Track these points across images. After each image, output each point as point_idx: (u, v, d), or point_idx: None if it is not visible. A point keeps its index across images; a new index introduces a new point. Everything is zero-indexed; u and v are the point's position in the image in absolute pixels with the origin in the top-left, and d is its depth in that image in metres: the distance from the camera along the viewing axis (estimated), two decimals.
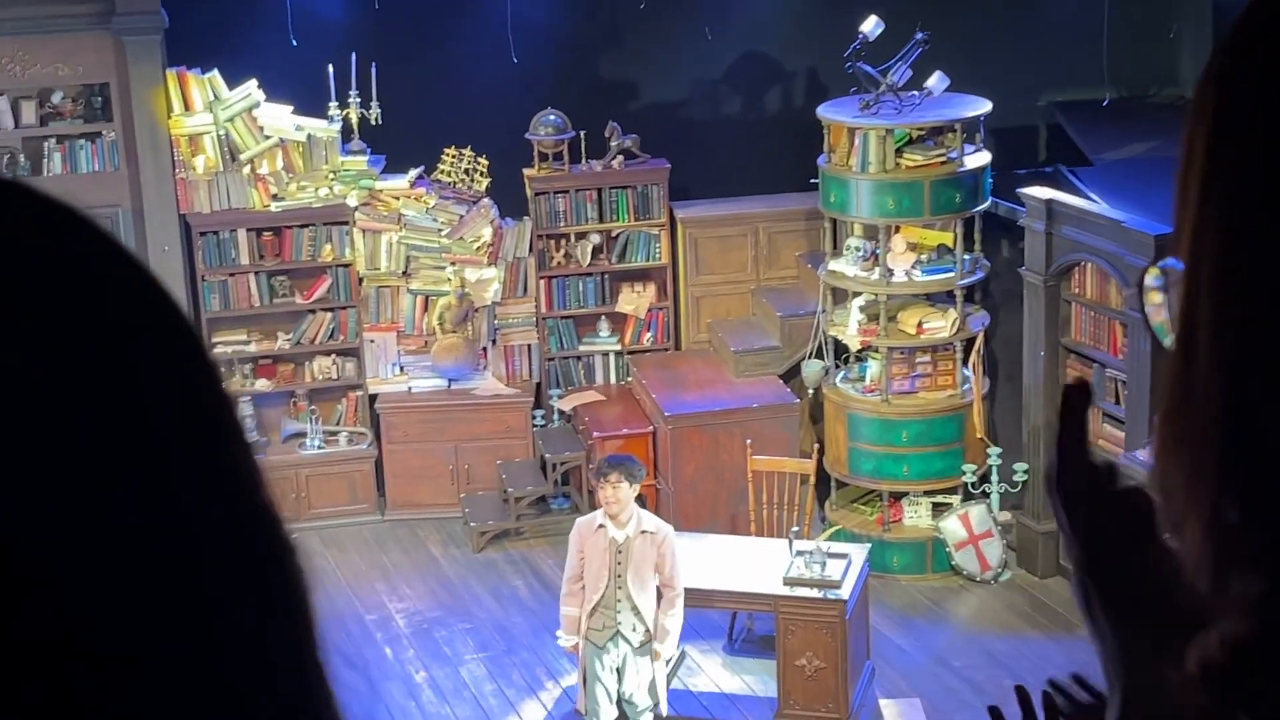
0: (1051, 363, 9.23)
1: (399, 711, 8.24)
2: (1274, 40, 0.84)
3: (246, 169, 9.97)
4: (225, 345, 10.18)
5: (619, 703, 7.44)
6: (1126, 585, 0.98)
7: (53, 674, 0.66)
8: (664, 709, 7.51)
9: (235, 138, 9.95)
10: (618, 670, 7.35)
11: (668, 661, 7.71)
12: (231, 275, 10.12)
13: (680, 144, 10.34)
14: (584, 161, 10.28)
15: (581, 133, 10.19)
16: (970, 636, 8.83)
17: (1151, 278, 7.88)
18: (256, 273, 10.14)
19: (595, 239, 10.38)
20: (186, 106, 9.86)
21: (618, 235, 10.41)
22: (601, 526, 7.26)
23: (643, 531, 7.25)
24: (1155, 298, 7.67)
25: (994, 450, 9.42)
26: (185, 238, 10.01)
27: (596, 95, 10.33)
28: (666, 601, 7.32)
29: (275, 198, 10.04)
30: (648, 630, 7.30)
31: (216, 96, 9.89)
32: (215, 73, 9.90)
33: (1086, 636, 1.02)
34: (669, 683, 8.20)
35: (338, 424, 10.43)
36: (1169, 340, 0.88)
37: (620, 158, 10.25)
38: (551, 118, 10.16)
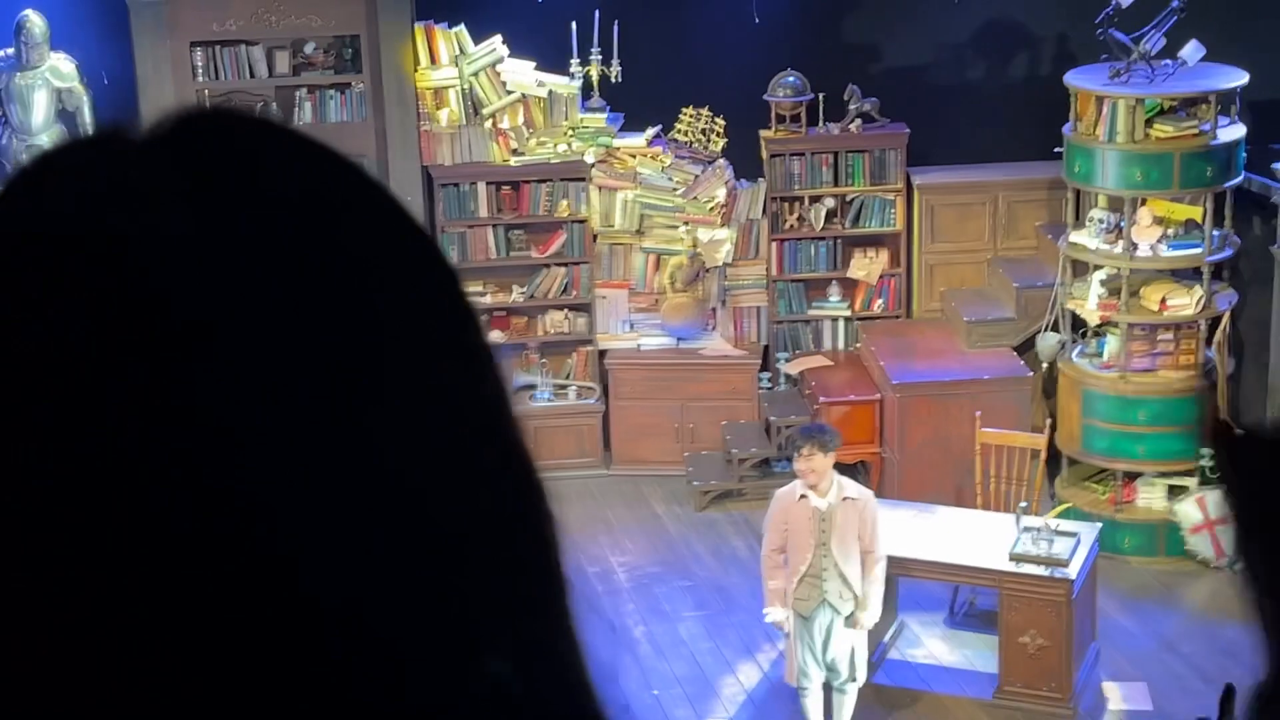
0: None
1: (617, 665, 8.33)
2: None
3: (488, 123, 10.13)
4: None
5: (826, 669, 7.41)
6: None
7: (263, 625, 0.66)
8: (861, 677, 7.44)
9: (479, 92, 10.11)
10: (824, 638, 7.32)
11: (867, 629, 7.67)
12: (470, 227, 10.30)
13: (920, 109, 10.19)
14: (821, 124, 10.20)
15: (820, 95, 10.11)
16: (1200, 623, 8.58)
17: None
18: (494, 226, 10.31)
19: (829, 203, 10.30)
20: (433, 60, 10.04)
21: (852, 200, 10.31)
22: (804, 497, 7.22)
23: (845, 498, 7.20)
24: None
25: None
26: (427, 189, 10.21)
27: (837, 57, 10.23)
28: (867, 567, 7.26)
29: (515, 152, 10.18)
30: (856, 597, 7.26)
31: (462, 51, 10.06)
32: (461, 27, 10.06)
33: None
34: (888, 652, 8.16)
35: (567, 378, 10.56)
36: None
37: (858, 121, 10.15)
38: (790, 79, 10.10)
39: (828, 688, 7.46)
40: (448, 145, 10.12)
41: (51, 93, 9.74)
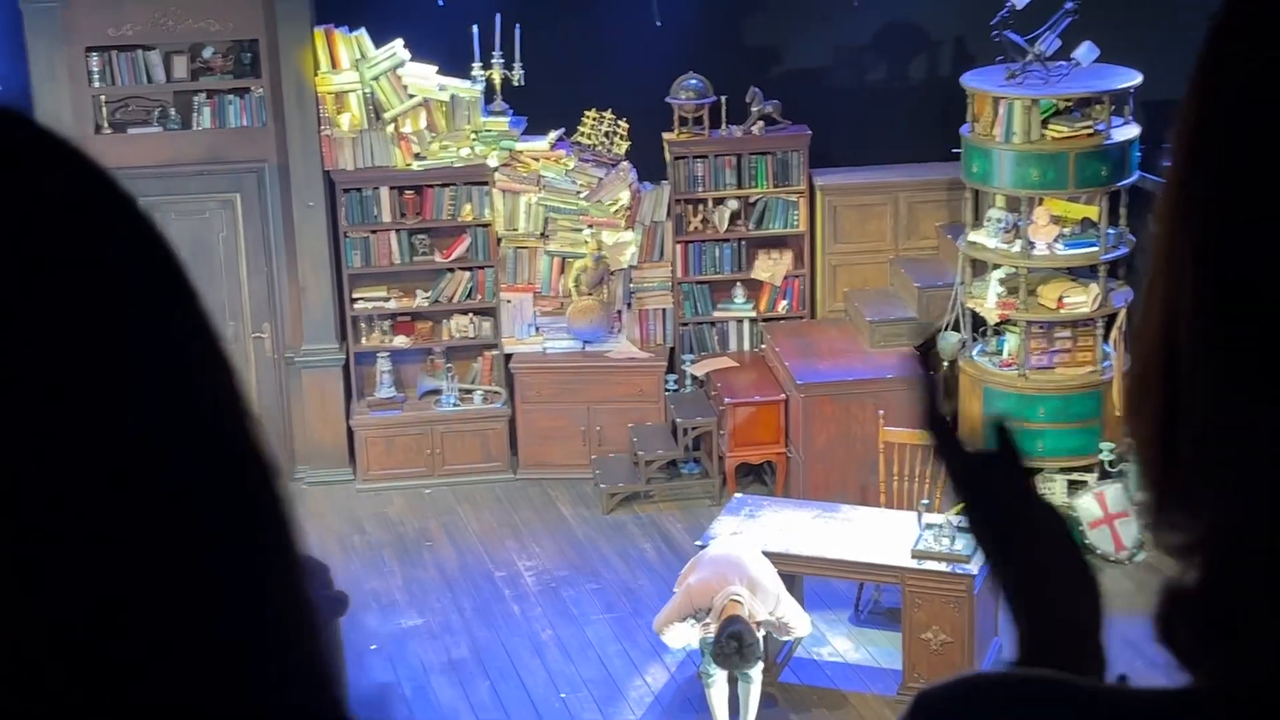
0: None
1: (525, 669, 8.34)
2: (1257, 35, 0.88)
3: (390, 128, 10.08)
4: (365, 301, 10.33)
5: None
6: (1001, 521, 1.06)
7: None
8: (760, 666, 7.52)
9: (380, 96, 10.06)
10: None
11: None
12: (373, 232, 10.25)
13: (822, 111, 10.27)
14: (724, 126, 10.25)
15: (722, 97, 10.15)
16: None
17: None
18: (397, 230, 10.26)
19: (733, 205, 10.35)
20: (333, 64, 9.98)
21: (756, 201, 10.37)
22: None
23: (757, 622, 7.33)
24: None
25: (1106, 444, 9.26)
26: (329, 194, 10.15)
27: (739, 60, 10.28)
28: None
29: (418, 156, 10.14)
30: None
31: (363, 55, 10.00)
32: (362, 31, 10.01)
33: None
34: (794, 651, 8.21)
35: (473, 382, 10.53)
36: None
37: (761, 123, 10.21)
38: (693, 82, 10.14)
39: (733, 680, 7.51)
40: (349, 150, 10.06)
41: None
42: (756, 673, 7.49)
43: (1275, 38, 0.85)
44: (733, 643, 7.13)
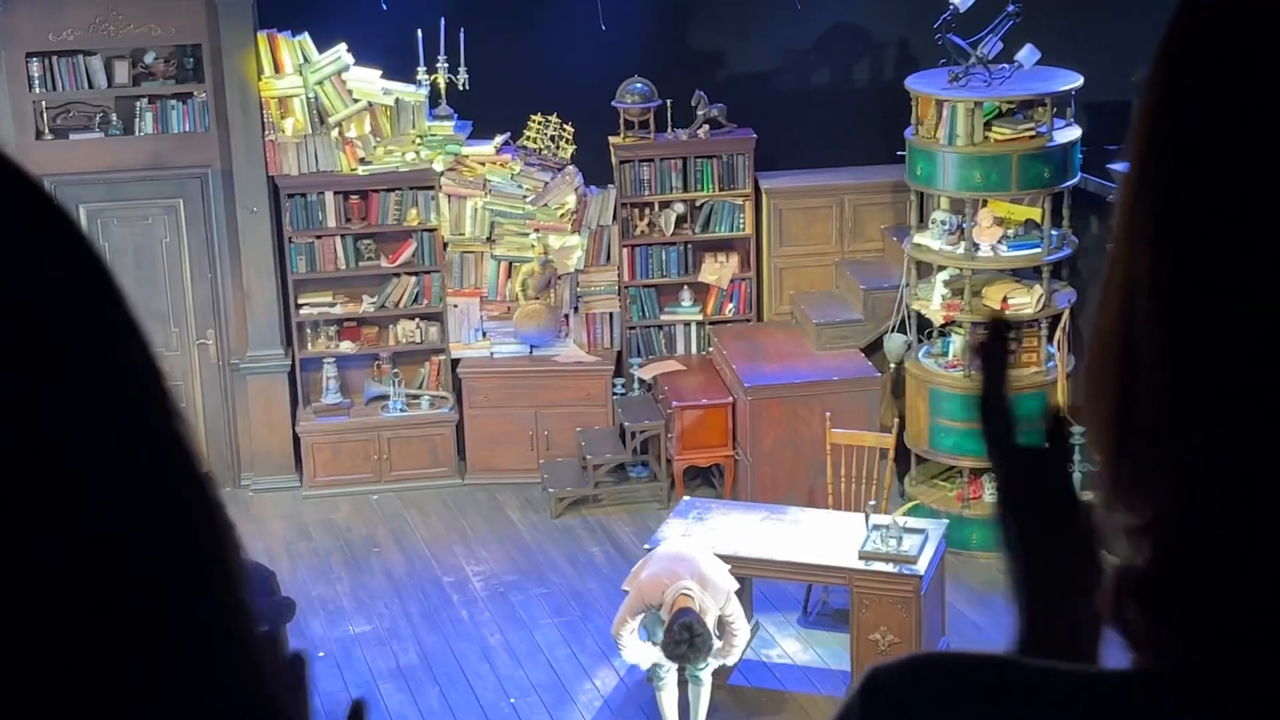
0: None
1: (474, 675, 8.32)
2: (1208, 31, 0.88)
3: (334, 132, 10.04)
4: (310, 307, 10.28)
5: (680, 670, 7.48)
6: (1036, 518, 1.07)
7: None
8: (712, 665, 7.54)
9: (324, 101, 10.01)
10: None
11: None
12: (318, 237, 10.20)
13: (767, 114, 10.30)
14: (669, 130, 10.26)
15: (668, 101, 10.17)
16: None
17: None
18: (342, 235, 10.22)
19: (679, 208, 10.37)
20: (276, 69, 9.93)
21: (702, 205, 10.39)
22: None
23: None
24: None
25: (1077, 429, 9.31)
26: (273, 199, 10.09)
27: (684, 64, 10.30)
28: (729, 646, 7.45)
29: (362, 161, 10.10)
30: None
31: (306, 59, 9.96)
32: (305, 36, 9.96)
33: None
34: (742, 654, 8.22)
35: (420, 387, 10.50)
36: None
37: (706, 127, 10.23)
38: (638, 86, 10.15)
39: (683, 683, 7.52)
40: (294, 155, 10.01)
41: None
42: (706, 675, 7.50)
43: (1232, 23, 0.87)
44: (684, 633, 7.11)
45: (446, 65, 10.04)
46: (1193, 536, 0.88)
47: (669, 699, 7.52)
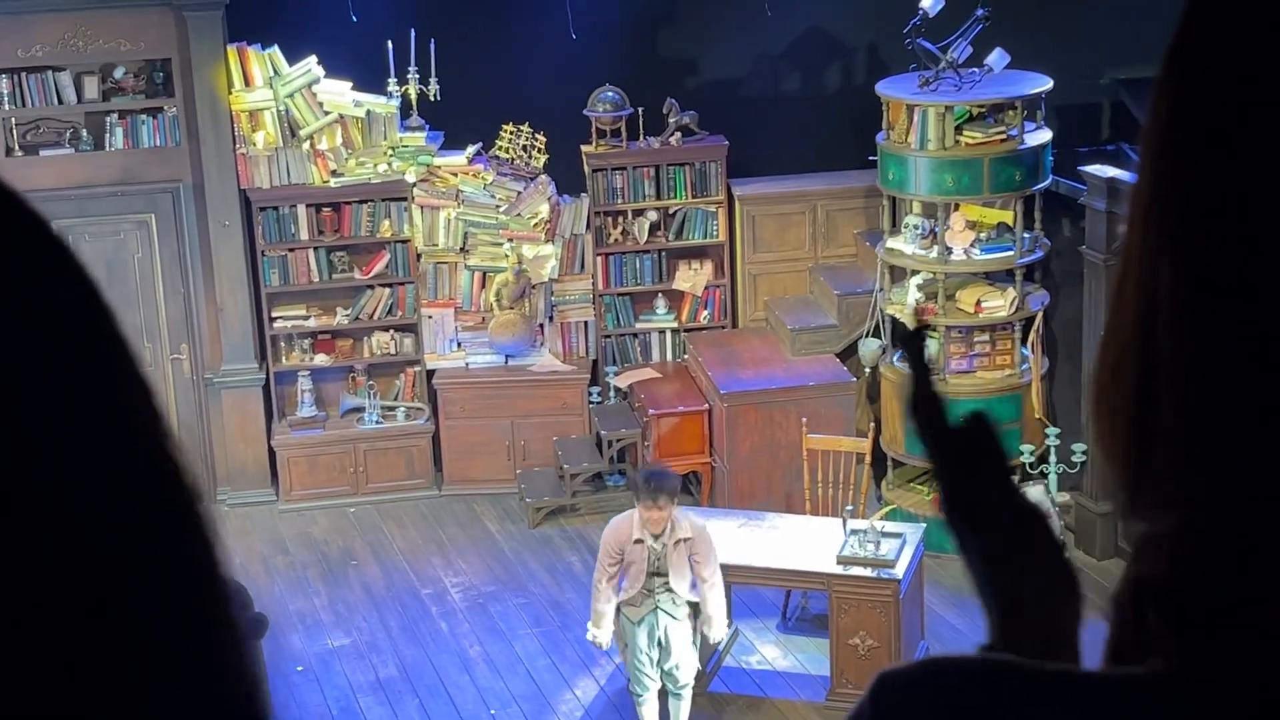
0: None
1: (454, 687, 8.30)
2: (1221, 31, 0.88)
3: (306, 145, 10.02)
4: (284, 320, 10.25)
5: (662, 675, 7.46)
6: (980, 509, 1.05)
7: None
8: (691, 672, 7.50)
9: (295, 114, 10.00)
10: (660, 642, 7.37)
11: (716, 644, 7.75)
12: (291, 250, 10.18)
13: (739, 121, 10.31)
14: (642, 138, 10.27)
15: (639, 109, 10.18)
16: None
17: None
18: (315, 248, 10.20)
19: (653, 216, 10.37)
20: (247, 82, 9.91)
21: (675, 212, 10.39)
22: (640, 541, 7.26)
23: (679, 540, 7.26)
24: None
25: (1052, 431, 9.37)
26: (245, 213, 10.07)
27: (655, 72, 10.31)
28: (704, 593, 7.32)
29: (334, 173, 10.09)
30: (687, 603, 7.34)
31: (276, 72, 9.94)
32: (275, 49, 9.95)
33: None
34: (723, 659, 8.22)
35: (396, 399, 10.48)
36: None
37: (678, 134, 10.24)
38: (609, 94, 10.16)
39: (663, 695, 7.50)
40: (265, 168, 9.99)
41: None
42: (687, 692, 7.50)
43: (1242, 28, 0.87)
44: (652, 476, 7.23)
45: (417, 76, 10.03)
46: (1214, 544, 0.88)
47: (650, 713, 7.50)
